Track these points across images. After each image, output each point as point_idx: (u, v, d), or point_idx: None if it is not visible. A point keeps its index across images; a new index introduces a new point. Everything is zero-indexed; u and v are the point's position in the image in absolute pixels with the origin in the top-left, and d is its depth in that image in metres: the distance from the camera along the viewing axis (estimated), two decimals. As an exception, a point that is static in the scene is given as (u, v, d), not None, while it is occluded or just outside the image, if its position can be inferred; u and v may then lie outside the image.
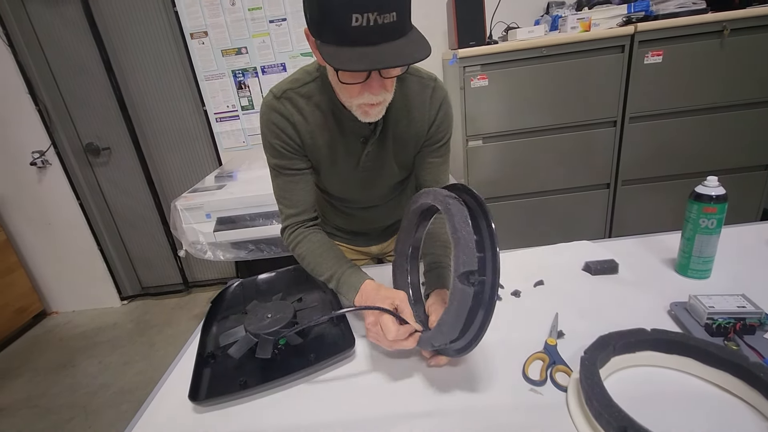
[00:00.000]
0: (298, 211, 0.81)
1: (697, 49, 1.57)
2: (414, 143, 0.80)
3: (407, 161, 0.83)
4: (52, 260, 2.52)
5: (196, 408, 0.63)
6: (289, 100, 0.73)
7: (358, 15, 0.51)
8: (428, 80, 0.76)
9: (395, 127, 0.77)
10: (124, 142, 2.40)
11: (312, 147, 0.77)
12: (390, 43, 0.54)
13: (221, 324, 0.82)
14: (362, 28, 0.52)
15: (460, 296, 0.55)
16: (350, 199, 0.90)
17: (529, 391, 0.59)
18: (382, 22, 0.52)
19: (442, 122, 0.78)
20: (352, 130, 0.75)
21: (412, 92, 0.75)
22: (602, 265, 0.86)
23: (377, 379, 0.65)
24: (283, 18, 2.08)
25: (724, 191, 0.74)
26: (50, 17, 2.17)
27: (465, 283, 0.55)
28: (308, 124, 0.74)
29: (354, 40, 0.54)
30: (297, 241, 0.81)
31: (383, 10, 0.52)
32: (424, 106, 0.76)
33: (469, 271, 0.55)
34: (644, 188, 1.79)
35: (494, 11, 1.78)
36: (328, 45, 0.56)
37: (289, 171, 0.78)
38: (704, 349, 0.56)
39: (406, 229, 0.76)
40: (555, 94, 1.65)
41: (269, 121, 0.74)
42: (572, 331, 0.69)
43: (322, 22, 0.55)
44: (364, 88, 0.62)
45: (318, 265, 0.78)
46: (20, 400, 1.83)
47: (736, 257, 0.83)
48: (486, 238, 0.56)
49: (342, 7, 0.51)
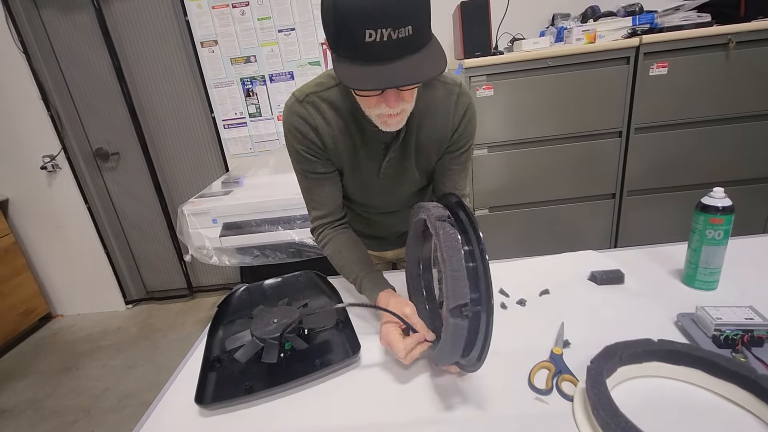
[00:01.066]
0: (324, 213, 0.82)
1: (702, 61, 1.57)
2: (437, 149, 0.79)
3: (429, 167, 0.82)
4: (59, 263, 2.55)
5: (201, 411, 0.63)
6: (311, 104, 0.73)
7: (371, 31, 0.51)
8: (453, 86, 0.75)
9: (418, 133, 0.76)
10: (133, 147, 2.43)
11: (334, 151, 0.76)
12: (405, 58, 0.53)
13: (227, 328, 0.83)
14: (376, 43, 0.51)
15: (454, 330, 0.53)
16: (370, 204, 0.90)
17: (535, 400, 0.59)
18: (397, 37, 0.51)
19: (466, 129, 0.77)
20: (373, 137, 0.74)
21: (437, 98, 0.74)
22: (608, 275, 0.86)
23: (382, 385, 0.65)
24: (292, 28, 2.12)
25: (730, 203, 0.74)
26: (64, 25, 2.23)
27: (458, 317, 0.53)
28: (330, 128, 0.74)
29: (368, 56, 0.53)
30: (325, 243, 0.83)
31: (398, 25, 0.51)
32: (449, 112, 0.75)
33: (461, 305, 0.53)
34: (650, 199, 1.79)
35: (500, 22, 1.80)
36: (343, 59, 0.56)
37: (314, 174, 0.78)
38: (712, 360, 0.56)
39: (411, 241, 0.76)
40: (560, 104, 1.66)
41: (292, 126, 0.74)
42: (578, 341, 0.68)
43: (337, 37, 0.55)
44: (380, 100, 0.61)
45: (343, 268, 0.80)
46: (24, 402, 1.84)
47: (744, 269, 0.83)
48: (479, 263, 0.54)
49: (355, 23, 0.51)
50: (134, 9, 2.19)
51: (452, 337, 0.54)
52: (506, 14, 1.77)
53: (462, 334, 0.54)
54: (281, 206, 1.72)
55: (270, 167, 2.13)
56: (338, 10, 0.52)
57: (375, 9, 0.50)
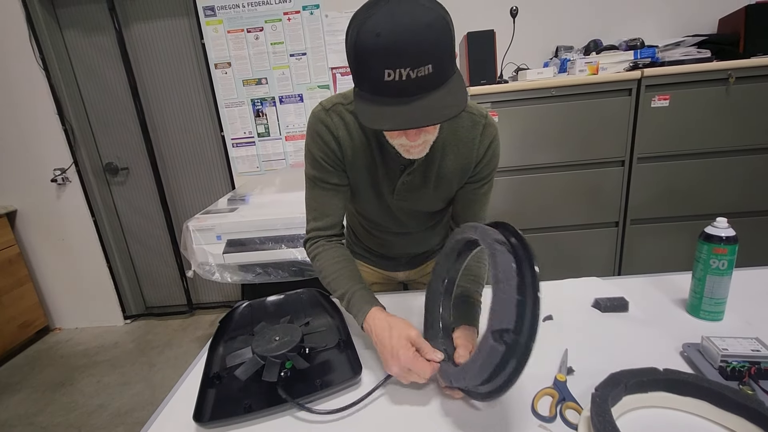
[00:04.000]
0: (324, 225, 0.80)
1: (703, 94, 1.61)
2: (459, 178, 0.78)
3: (449, 194, 0.82)
4: (60, 276, 2.55)
5: (199, 430, 0.62)
6: (337, 114, 0.73)
7: (390, 70, 0.51)
8: (479, 117, 0.75)
9: (441, 161, 0.75)
10: (142, 162, 2.48)
11: (352, 165, 0.76)
12: (425, 97, 0.53)
13: (228, 344, 0.82)
14: (395, 82, 0.51)
15: (489, 352, 0.53)
16: (383, 223, 0.89)
17: (539, 428, 0.58)
18: (416, 76, 0.51)
19: (491, 160, 0.77)
20: (392, 158, 0.74)
21: (463, 128, 0.74)
22: (612, 302, 0.85)
23: (383, 407, 0.64)
24: (303, 53, 2.19)
25: (734, 233, 0.74)
26: (85, 45, 2.32)
27: (498, 341, 0.52)
28: (352, 141, 0.74)
29: (387, 94, 0.53)
30: (316, 254, 0.80)
31: (417, 64, 0.51)
32: (474, 142, 0.75)
33: (504, 329, 0.52)
34: (653, 228, 1.79)
35: (505, 52, 1.86)
36: (364, 94, 0.56)
37: (325, 184, 0.77)
38: (719, 392, 0.55)
39: (446, 255, 0.73)
40: (563, 132, 1.69)
41: (315, 132, 0.74)
42: (582, 368, 0.68)
43: (358, 74, 0.56)
44: (401, 133, 0.61)
45: (332, 282, 0.77)
46: (17, 416, 1.80)
47: (750, 301, 0.82)
48: (528, 295, 0.52)
49: (374, 63, 0.52)
50: (154, 31, 2.28)
51: (485, 359, 0.53)
52: (511, 45, 1.83)
53: (495, 359, 0.53)
54: (285, 224, 1.73)
55: (276, 186, 2.16)
56: (358, 50, 0.53)
57: (393, 49, 0.50)
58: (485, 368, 0.54)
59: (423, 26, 0.50)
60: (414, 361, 0.61)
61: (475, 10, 2.02)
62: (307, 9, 2.13)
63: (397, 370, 0.63)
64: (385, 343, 0.65)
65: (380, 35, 0.50)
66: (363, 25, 0.52)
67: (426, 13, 0.51)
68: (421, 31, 0.50)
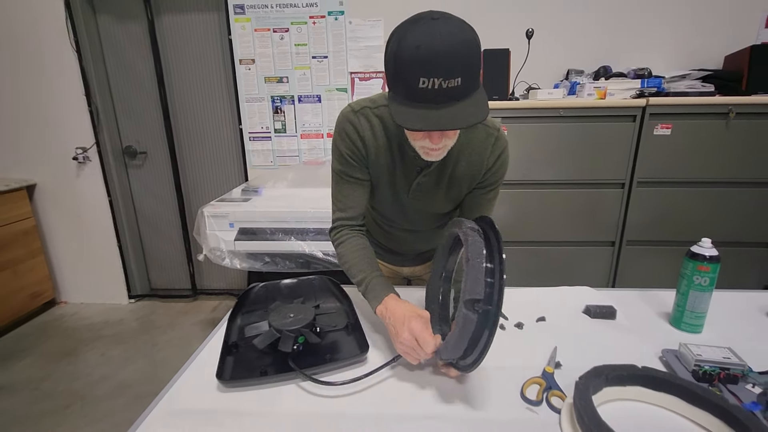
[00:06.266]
0: (348, 215, 0.87)
1: (704, 126, 1.69)
2: (468, 183, 0.86)
3: (458, 197, 0.89)
4: (71, 251, 2.62)
5: (219, 387, 0.69)
6: (365, 116, 0.81)
7: (424, 79, 0.58)
8: (493, 130, 0.83)
9: (455, 166, 0.83)
10: (160, 148, 2.56)
11: (375, 163, 0.84)
12: (452, 105, 0.60)
13: (245, 317, 0.90)
14: (428, 90, 0.58)
15: (464, 320, 0.61)
16: (396, 219, 0.97)
17: (526, 409, 0.64)
18: (447, 86, 0.58)
19: (499, 169, 0.85)
20: (411, 159, 0.82)
21: (477, 138, 0.82)
22: (602, 309, 0.92)
23: (386, 382, 0.71)
24: (325, 56, 2.28)
25: (717, 253, 0.82)
26: (117, 32, 2.41)
27: (470, 309, 0.61)
28: (376, 141, 0.81)
29: (419, 99, 0.60)
30: (340, 241, 0.87)
31: (449, 76, 0.58)
32: (485, 152, 0.82)
33: (475, 299, 0.60)
34: (648, 250, 1.86)
35: (518, 71, 1.94)
36: (398, 97, 0.63)
37: (350, 178, 0.85)
38: (690, 389, 0.62)
39: (440, 252, 0.82)
40: (568, 152, 1.77)
41: (343, 130, 0.81)
42: (569, 364, 0.74)
43: (395, 79, 0.62)
44: (425, 136, 0.68)
45: (352, 267, 0.83)
46: (22, 381, 1.86)
47: (729, 319, 0.89)
48: (497, 273, 0.62)
49: (411, 71, 0.58)
50: (184, 23, 2.38)
51: (461, 327, 0.61)
52: (525, 64, 1.92)
53: (470, 327, 0.61)
54: (296, 218, 1.80)
55: (288, 181, 2.24)
56: (398, 58, 0.60)
57: (429, 61, 0.57)
58: (463, 336, 0.62)
59: (457, 44, 0.58)
60: (422, 331, 0.68)
61: (492, 29, 2.10)
62: (332, 14, 2.22)
63: (406, 336, 0.68)
64: (398, 316, 0.71)
65: (419, 48, 0.57)
66: (404, 37, 0.59)
67: (460, 34, 0.58)
68: (454, 49, 0.58)
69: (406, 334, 0.69)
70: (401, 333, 0.69)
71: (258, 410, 0.64)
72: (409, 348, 0.69)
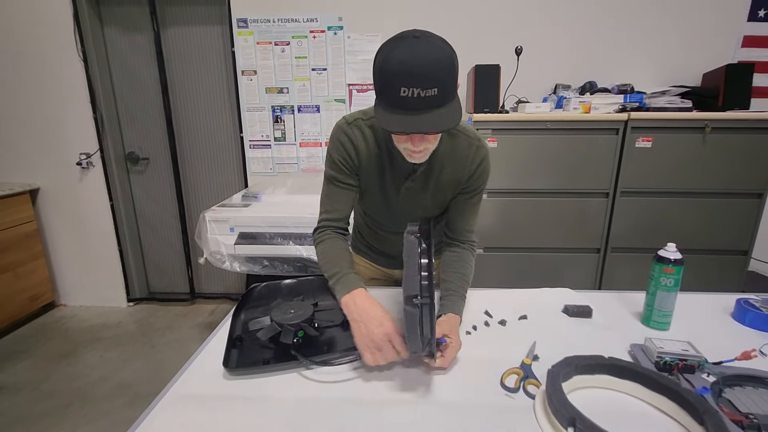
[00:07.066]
0: (333, 217, 0.95)
1: (682, 140, 1.78)
2: (452, 189, 0.95)
3: (443, 202, 0.98)
4: (72, 254, 2.67)
5: (226, 375, 0.76)
6: (357, 127, 0.90)
7: (405, 88, 0.67)
8: (474, 140, 0.92)
9: (440, 172, 0.92)
10: (162, 154, 2.63)
11: (366, 170, 0.92)
12: (429, 112, 0.69)
13: (248, 313, 0.96)
14: (408, 98, 0.67)
15: (407, 316, 0.68)
16: (387, 223, 1.05)
17: (504, 396, 0.71)
18: (425, 95, 0.67)
19: (480, 176, 0.93)
20: (399, 165, 0.90)
21: (460, 147, 0.91)
22: (579, 309, 0.99)
23: (378, 373, 0.77)
24: (324, 68, 2.38)
25: (681, 256, 0.90)
26: (123, 42, 2.50)
27: (409, 305, 0.67)
28: (368, 149, 0.90)
29: (401, 106, 0.69)
30: (321, 240, 0.95)
31: (426, 86, 0.67)
32: (467, 159, 0.91)
33: (412, 295, 0.67)
34: (632, 257, 1.94)
35: (508, 85, 2.04)
36: (383, 104, 0.72)
37: (340, 184, 0.93)
38: (649, 376, 0.69)
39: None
40: (555, 162, 1.86)
41: (337, 140, 0.90)
42: (546, 356, 0.81)
43: (381, 88, 0.71)
44: (407, 139, 0.77)
45: (328, 263, 0.90)
46: (22, 381, 1.90)
47: (695, 318, 0.97)
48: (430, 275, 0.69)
49: (394, 81, 0.67)
50: (189, 35, 2.47)
51: (407, 322, 0.68)
52: (514, 79, 2.01)
53: (414, 318, 0.68)
54: (294, 223, 1.87)
55: (287, 187, 2.31)
56: (383, 70, 0.69)
57: (409, 74, 0.66)
58: (412, 329, 0.68)
59: (434, 60, 0.67)
60: (397, 335, 0.74)
61: (483, 46, 2.21)
62: (331, 29, 2.32)
63: (379, 335, 0.73)
64: (371, 315, 0.77)
65: (402, 63, 0.66)
66: (390, 53, 0.68)
67: (438, 51, 0.67)
68: (432, 64, 0.67)
69: (380, 333, 0.74)
70: (374, 330, 0.74)
71: (261, 395, 0.71)
72: (375, 347, 0.74)
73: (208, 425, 0.64)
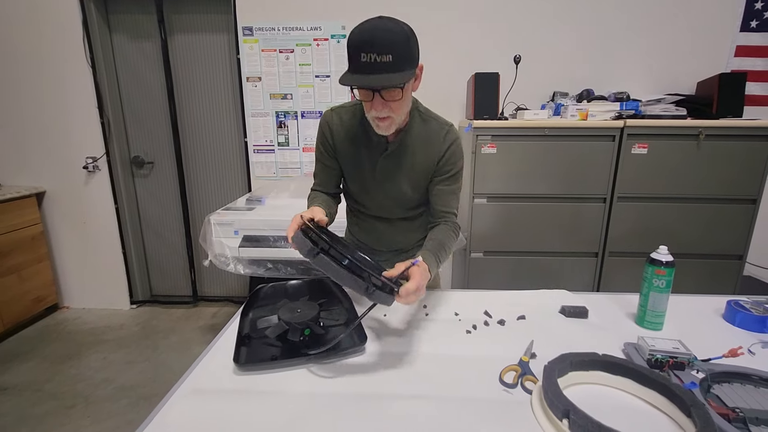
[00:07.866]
0: (321, 189, 1.13)
1: (677, 147, 1.83)
2: (427, 171, 1.04)
3: (418, 184, 1.06)
4: (76, 257, 2.70)
5: (235, 370, 0.79)
6: (337, 113, 1.05)
7: (364, 54, 0.79)
8: (445, 125, 1.03)
9: (413, 154, 1.02)
10: (167, 158, 2.67)
11: (343, 150, 1.05)
12: (381, 74, 0.80)
13: (256, 312, 1.00)
14: (367, 63, 0.79)
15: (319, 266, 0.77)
16: (369, 206, 1.13)
17: (503, 391, 0.74)
18: (380, 61, 0.79)
19: (451, 157, 1.02)
20: (375, 145, 1.02)
21: (432, 131, 1.02)
22: (575, 309, 1.03)
23: (382, 368, 0.80)
24: (327, 75, 2.43)
25: (672, 258, 0.93)
26: (131, 49, 2.55)
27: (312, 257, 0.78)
28: (343, 129, 1.04)
29: (360, 70, 0.81)
30: (312, 196, 1.12)
31: (381, 53, 0.79)
32: (438, 142, 1.02)
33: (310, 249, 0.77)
34: (630, 261, 1.97)
35: (507, 93, 2.08)
36: (349, 70, 0.84)
37: (322, 163, 1.10)
38: (640, 372, 0.72)
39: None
40: (553, 168, 1.90)
41: (320, 126, 1.07)
42: (543, 354, 0.85)
43: (348, 57, 0.84)
44: (371, 105, 0.88)
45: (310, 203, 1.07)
46: (26, 382, 1.92)
47: (687, 319, 1.00)
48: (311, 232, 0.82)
49: (355, 48, 0.80)
50: (195, 43, 2.52)
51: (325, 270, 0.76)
52: (513, 86, 2.06)
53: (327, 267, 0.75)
54: (298, 227, 1.90)
55: (290, 191, 2.35)
56: (349, 43, 0.82)
57: (367, 41, 0.79)
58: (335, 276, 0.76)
59: (387, 31, 0.80)
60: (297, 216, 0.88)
61: (484, 55, 2.26)
62: (335, 38, 2.38)
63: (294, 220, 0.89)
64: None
65: (362, 32, 0.80)
66: (355, 28, 0.82)
67: (392, 25, 0.81)
68: (385, 34, 0.80)
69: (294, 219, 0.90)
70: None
71: (269, 389, 0.74)
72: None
73: (220, 417, 0.67)
